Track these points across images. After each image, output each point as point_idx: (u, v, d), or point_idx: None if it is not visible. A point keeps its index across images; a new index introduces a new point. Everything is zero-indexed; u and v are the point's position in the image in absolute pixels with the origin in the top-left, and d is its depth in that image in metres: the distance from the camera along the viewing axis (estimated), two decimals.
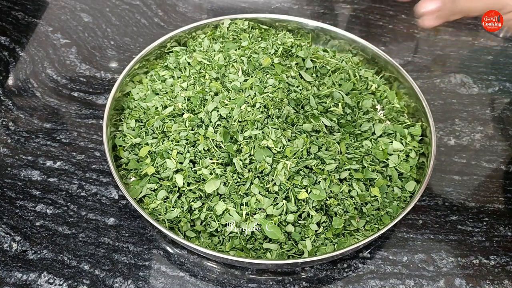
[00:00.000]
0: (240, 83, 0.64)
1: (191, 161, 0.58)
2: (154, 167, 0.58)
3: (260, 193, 0.54)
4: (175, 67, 0.72)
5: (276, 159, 0.56)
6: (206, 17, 0.91)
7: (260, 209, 0.54)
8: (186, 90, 0.66)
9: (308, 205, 0.54)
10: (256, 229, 0.53)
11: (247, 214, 0.54)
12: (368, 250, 0.59)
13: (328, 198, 0.55)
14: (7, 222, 0.59)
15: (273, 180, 0.55)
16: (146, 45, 0.72)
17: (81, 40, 0.85)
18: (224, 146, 0.57)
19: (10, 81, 0.76)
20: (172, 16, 0.91)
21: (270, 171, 0.55)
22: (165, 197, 0.56)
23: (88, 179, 0.64)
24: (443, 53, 0.87)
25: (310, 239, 0.53)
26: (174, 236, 0.50)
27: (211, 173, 0.56)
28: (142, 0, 0.94)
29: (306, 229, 0.54)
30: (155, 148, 0.60)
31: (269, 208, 0.54)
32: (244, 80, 0.65)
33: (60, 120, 0.71)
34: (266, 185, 0.55)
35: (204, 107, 0.61)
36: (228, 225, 0.53)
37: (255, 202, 0.54)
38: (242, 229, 0.53)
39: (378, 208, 0.57)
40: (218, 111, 0.60)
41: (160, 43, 0.72)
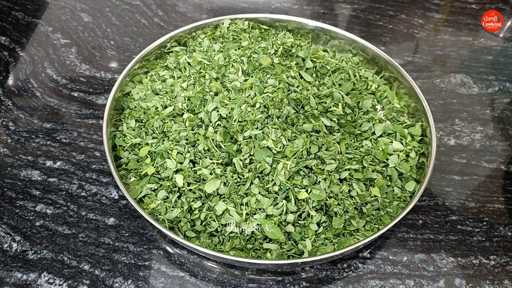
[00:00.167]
0: (240, 83, 0.64)
1: (191, 161, 0.58)
2: (154, 167, 0.58)
3: (260, 193, 0.54)
4: (175, 67, 0.72)
5: (276, 159, 0.56)
6: (206, 17, 0.91)
7: (260, 209, 0.54)
8: (186, 90, 0.66)
9: (308, 205, 0.54)
10: (256, 229, 0.53)
11: (247, 214, 0.54)
12: (368, 250, 0.59)
13: (328, 198, 0.55)
14: (7, 222, 0.59)
15: (273, 180, 0.55)
16: (146, 45, 0.72)
17: (81, 40, 0.85)
18: (224, 146, 0.57)
19: (10, 81, 0.76)
20: (172, 16, 0.91)
21: (270, 171, 0.55)
22: (165, 197, 0.56)
23: (88, 179, 0.64)
24: (443, 53, 0.87)
25: (310, 239, 0.53)
26: (174, 236, 0.50)
27: (211, 173, 0.56)
28: (142, 0, 0.94)
29: (306, 229, 0.54)
30: (155, 148, 0.60)
31: (269, 208, 0.54)
32: (244, 80, 0.65)
33: (60, 120, 0.71)
34: (266, 185, 0.55)
35: (204, 107, 0.61)
36: (228, 225, 0.53)
37: (255, 202, 0.54)
38: (242, 229, 0.53)
39: (378, 208, 0.57)
40: (218, 111, 0.60)
41: (160, 43, 0.72)
